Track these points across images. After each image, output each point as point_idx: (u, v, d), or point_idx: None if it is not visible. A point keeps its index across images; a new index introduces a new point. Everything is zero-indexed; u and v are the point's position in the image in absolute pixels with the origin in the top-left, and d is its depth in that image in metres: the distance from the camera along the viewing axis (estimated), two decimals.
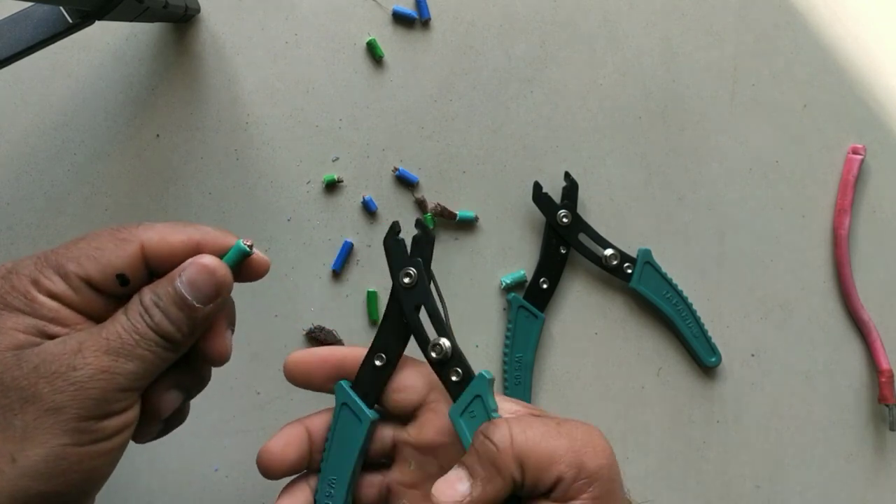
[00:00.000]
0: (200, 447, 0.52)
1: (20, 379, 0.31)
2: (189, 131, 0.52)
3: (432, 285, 0.39)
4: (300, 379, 0.40)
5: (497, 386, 0.53)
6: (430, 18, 0.52)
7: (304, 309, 0.52)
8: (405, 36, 0.52)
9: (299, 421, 0.40)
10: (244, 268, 0.36)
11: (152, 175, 0.52)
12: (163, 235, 0.34)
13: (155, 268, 0.34)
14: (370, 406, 0.39)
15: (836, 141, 0.55)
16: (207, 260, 0.34)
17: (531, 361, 0.52)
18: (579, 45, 0.53)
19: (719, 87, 0.54)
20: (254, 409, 0.52)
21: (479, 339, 0.53)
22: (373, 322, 0.52)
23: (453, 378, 0.37)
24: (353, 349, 0.40)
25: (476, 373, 0.37)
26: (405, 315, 0.38)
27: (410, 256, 0.39)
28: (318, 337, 0.51)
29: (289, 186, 0.52)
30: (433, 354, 0.38)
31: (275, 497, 0.52)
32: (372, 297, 0.52)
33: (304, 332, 0.52)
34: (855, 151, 0.54)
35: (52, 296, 0.32)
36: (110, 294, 0.34)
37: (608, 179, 0.53)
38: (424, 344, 0.38)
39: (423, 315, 0.39)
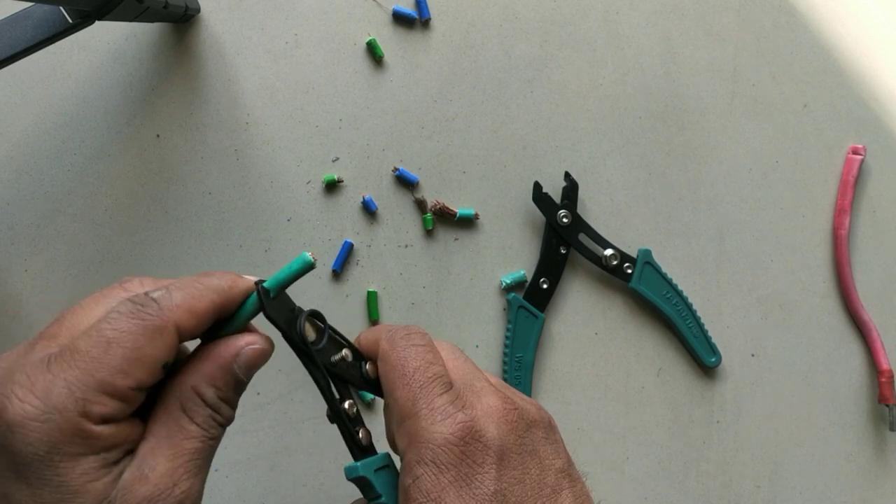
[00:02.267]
0: None
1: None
2: (189, 131, 0.52)
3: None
4: None
5: None
6: (430, 18, 0.52)
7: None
8: (405, 36, 0.52)
9: None
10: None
11: (152, 175, 0.52)
12: (189, 308, 0.31)
13: (184, 338, 0.32)
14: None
15: (836, 141, 0.55)
16: (261, 344, 0.33)
17: (531, 361, 0.52)
18: (579, 45, 0.53)
19: (719, 87, 0.54)
20: (254, 410, 0.52)
21: (479, 339, 0.53)
22: (373, 322, 0.52)
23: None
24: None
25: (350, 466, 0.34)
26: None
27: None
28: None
29: (289, 186, 0.52)
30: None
31: (274, 498, 0.52)
32: (372, 297, 0.52)
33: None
34: (855, 151, 0.54)
35: (105, 420, 0.28)
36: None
37: (608, 179, 0.53)
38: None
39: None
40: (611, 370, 0.53)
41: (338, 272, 0.52)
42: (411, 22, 0.52)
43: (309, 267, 0.33)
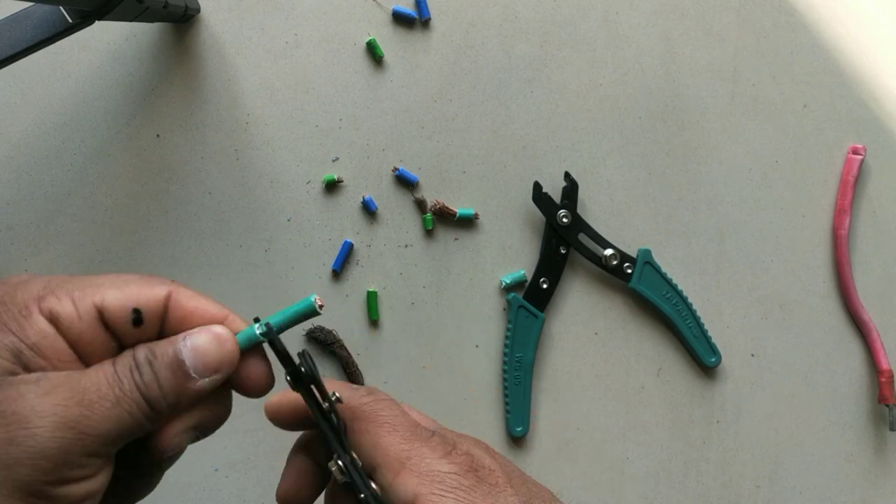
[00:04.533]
0: (200, 447, 0.51)
1: None
2: (189, 131, 0.52)
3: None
4: (282, 426, 0.36)
5: (497, 386, 0.53)
6: (430, 18, 0.52)
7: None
8: (405, 36, 0.52)
9: (297, 450, 0.37)
10: (243, 377, 0.32)
11: (152, 175, 0.52)
12: (195, 294, 0.31)
13: (170, 326, 0.31)
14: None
15: (836, 141, 0.55)
16: (218, 329, 0.30)
17: (531, 361, 0.52)
18: (579, 45, 0.53)
19: (719, 87, 0.54)
20: (254, 410, 0.52)
21: (479, 339, 0.53)
22: (373, 322, 0.52)
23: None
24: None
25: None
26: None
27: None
28: (318, 337, 0.51)
29: (289, 186, 0.52)
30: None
31: (274, 498, 0.52)
32: (372, 297, 0.52)
33: (304, 333, 0.52)
34: (855, 151, 0.54)
35: (53, 317, 0.28)
36: (117, 334, 0.30)
37: (608, 179, 0.53)
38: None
39: None
40: (611, 370, 0.53)
41: (338, 272, 0.52)
42: (411, 22, 0.52)
43: (312, 313, 0.32)
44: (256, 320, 0.32)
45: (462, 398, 0.53)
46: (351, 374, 0.51)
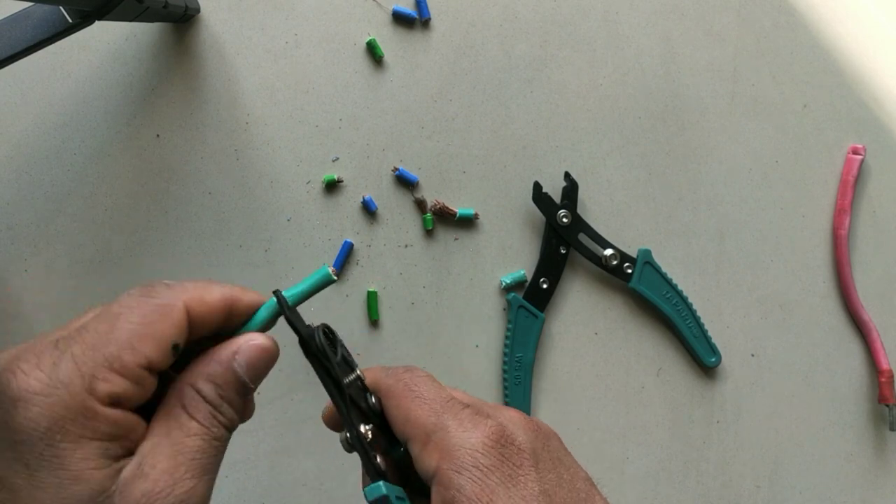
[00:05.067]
0: None
1: None
2: (189, 131, 0.52)
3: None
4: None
5: (497, 386, 0.53)
6: (430, 18, 0.52)
7: (303, 309, 0.52)
8: (405, 36, 0.52)
9: None
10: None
11: (152, 175, 0.52)
12: (200, 295, 0.30)
13: (194, 331, 0.31)
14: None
15: (836, 141, 0.55)
16: (261, 340, 0.31)
17: (531, 361, 0.52)
18: (579, 45, 0.53)
19: (719, 87, 0.54)
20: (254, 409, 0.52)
21: (479, 339, 0.53)
22: (373, 322, 0.52)
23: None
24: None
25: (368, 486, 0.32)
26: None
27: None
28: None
29: (289, 186, 0.52)
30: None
31: (274, 498, 0.52)
32: (372, 297, 0.52)
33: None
34: (855, 151, 0.54)
35: (115, 400, 0.27)
36: (161, 371, 0.30)
37: (608, 179, 0.53)
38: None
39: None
40: (611, 370, 0.53)
41: (338, 272, 0.52)
42: (411, 22, 0.52)
43: (328, 281, 0.33)
44: (276, 293, 0.33)
45: None
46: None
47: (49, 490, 0.26)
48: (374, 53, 0.52)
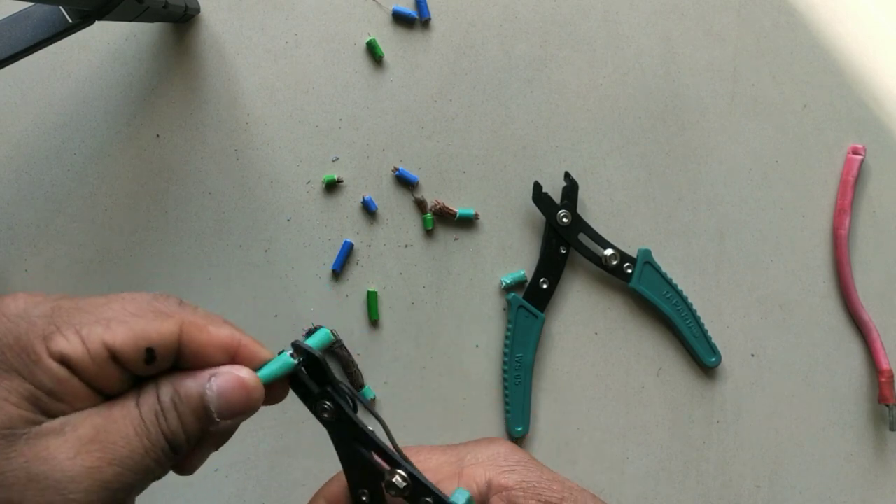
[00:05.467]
0: None
1: (7, 474, 0.25)
2: (189, 131, 0.52)
3: (352, 404, 0.33)
4: None
5: (497, 386, 0.53)
6: (430, 18, 0.52)
7: (304, 309, 0.52)
8: (405, 36, 0.52)
9: (318, 495, 0.36)
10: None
11: (152, 175, 0.52)
12: (206, 324, 0.29)
13: (184, 357, 0.29)
14: None
15: (836, 141, 0.55)
16: (245, 374, 0.29)
17: (531, 361, 0.52)
18: (579, 45, 0.53)
19: (719, 87, 0.54)
20: None
21: (479, 339, 0.53)
22: (373, 322, 0.52)
23: None
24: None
25: (449, 498, 0.31)
26: (342, 454, 0.33)
27: (319, 386, 0.32)
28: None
29: (289, 186, 0.52)
30: (392, 493, 0.31)
31: (274, 498, 0.52)
32: (372, 297, 0.52)
33: (304, 333, 0.52)
34: (855, 151, 0.54)
35: (64, 359, 0.27)
36: (128, 371, 0.28)
37: (608, 179, 0.53)
38: (379, 478, 0.32)
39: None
40: (611, 370, 0.53)
41: (338, 272, 0.52)
42: (411, 22, 0.52)
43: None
44: (295, 349, 0.31)
45: (462, 398, 0.53)
46: (351, 374, 0.51)
47: None
48: (374, 53, 0.52)
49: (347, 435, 0.32)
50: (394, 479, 0.31)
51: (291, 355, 0.30)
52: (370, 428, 0.32)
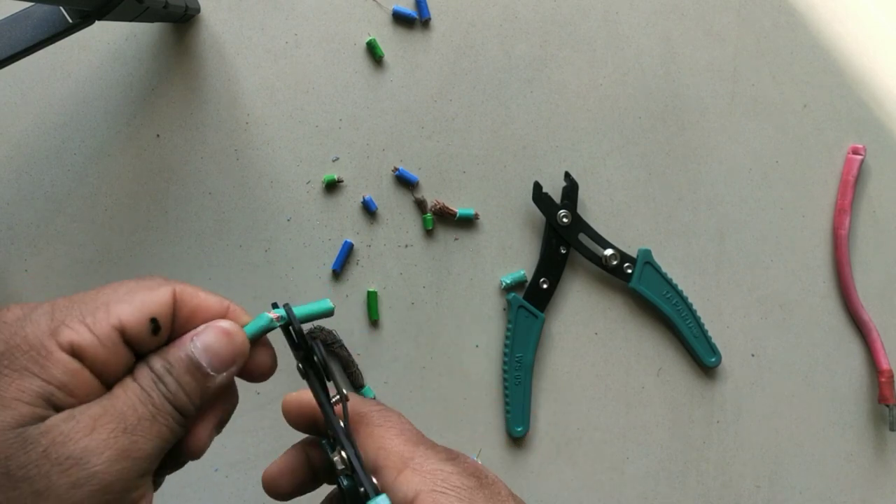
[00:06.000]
0: None
1: (29, 467, 0.26)
2: (189, 131, 0.52)
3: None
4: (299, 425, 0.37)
5: (497, 386, 0.53)
6: (430, 18, 0.52)
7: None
8: (405, 36, 0.52)
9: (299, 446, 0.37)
10: (251, 364, 0.33)
11: (152, 175, 0.52)
12: (196, 290, 0.31)
13: (179, 322, 0.31)
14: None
15: (836, 141, 0.55)
16: (224, 323, 0.31)
17: (531, 361, 0.52)
18: (579, 45, 0.53)
19: (719, 87, 0.54)
20: (254, 410, 0.52)
21: (479, 339, 0.53)
22: (373, 322, 0.52)
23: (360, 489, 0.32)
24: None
25: (371, 499, 0.31)
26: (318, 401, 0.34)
27: (297, 349, 0.34)
28: (318, 337, 0.51)
29: (289, 186, 0.52)
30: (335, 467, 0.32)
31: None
32: (372, 297, 0.52)
33: (305, 333, 0.52)
34: (855, 151, 0.54)
35: (75, 350, 0.28)
36: (137, 347, 0.30)
37: (608, 179, 0.53)
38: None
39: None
40: (611, 370, 0.53)
41: (338, 272, 0.52)
42: (411, 22, 0.52)
43: (328, 313, 0.33)
44: (275, 306, 0.33)
45: (462, 398, 0.53)
46: (351, 374, 0.51)
47: None
48: (374, 53, 0.52)
49: (317, 397, 0.33)
50: (335, 458, 0.32)
51: (275, 318, 0.32)
52: (333, 398, 0.33)
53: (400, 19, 0.52)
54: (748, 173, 0.54)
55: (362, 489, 0.31)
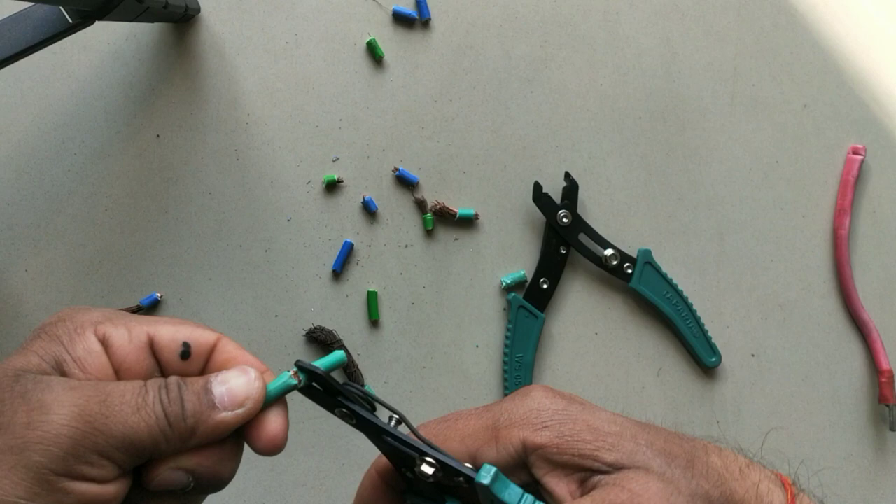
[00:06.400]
0: None
1: (5, 401, 0.27)
2: (189, 131, 0.52)
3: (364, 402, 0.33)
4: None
5: (497, 386, 0.53)
6: (430, 18, 0.52)
7: (304, 309, 0.52)
8: (405, 36, 0.52)
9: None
10: (262, 428, 0.31)
11: (152, 175, 0.52)
12: (239, 346, 0.32)
13: (212, 368, 0.32)
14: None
15: (836, 141, 0.55)
16: (250, 368, 0.31)
17: (531, 361, 0.52)
18: (579, 45, 0.53)
19: (719, 87, 0.54)
20: None
21: (479, 339, 0.53)
22: (373, 322, 0.52)
23: (463, 484, 0.31)
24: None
25: (476, 475, 0.31)
26: (378, 445, 0.33)
27: (331, 396, 0.33)
28: (318, 337, 0.51)
29: (289, 186, 0.52)
30: (425, 478, 0.32)
31: (274, 498, 0.52)
32: (372, 297, 0.52)
33: (304, 333, 0.52)
34: (855, 151, 0.54)
35: (105, 339, 0.30)
36: (162, 365, 0.31)
37: (608, 179, 0.53)
38: (411, 465, 0.32)
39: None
40: (611, 370, 0.53)
41: (338, 272, 0.52)
42: (411, 22, 0.52)
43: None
44: (298, 369, 0.32)
45: (462, 398, 0.53)
46: (351, 374, 0.51)
47: (6, 357, 0.29)
48: (374, 53, 0.52)
49: (373, 432, 0.33)
50: (422, 468, 0.31)
51: (293, 375, 0.31)
52: (391, 424, 0.32)
53: (400, 19, 0.52)
54: (748, 173, 0.54)
55: (461, 478, 0.31)
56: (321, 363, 0.32)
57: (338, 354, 0.33)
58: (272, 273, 0.52)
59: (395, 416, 0.33)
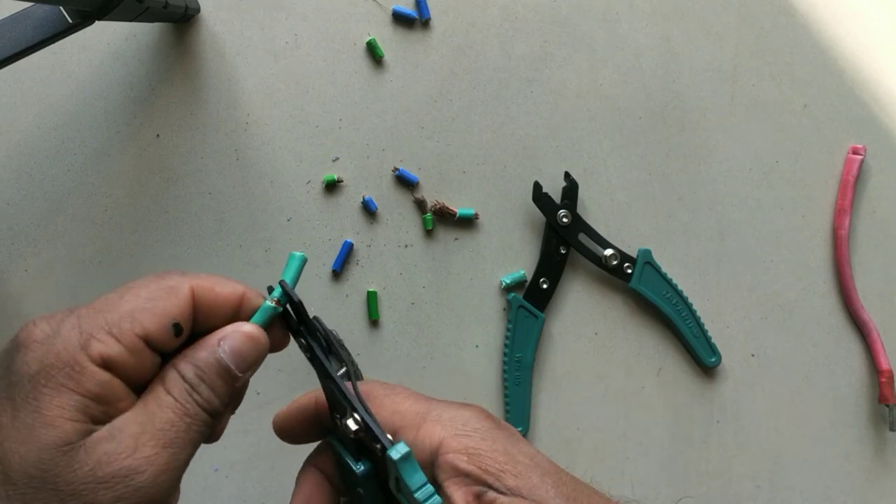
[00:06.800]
0: (200, 447, 0.52)
1: (76, 484, 0.27)
2: (189, 131, 0.52)
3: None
4: (290, 439, 0.38)
5: (497, 385, 0.53)
6: (430, 18, 0.52)
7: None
8: (405, 36, 0.52)
9: (309, 465, 0.38)
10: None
11: (152, 175, 0.52)
12: (211, 284, 0.32)
13: (199, 317, 0.32)
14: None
15: (836, 141, 0.55)
16: (248, 328, 0.32)
17: (531, 361, 0.52)
18: (579, 45, 0.53)
19: (719, 87, 0.54)
20: (254, 410, 0.52)
21: (479, 339, 0.53)
22: (373, 322, 0.52)
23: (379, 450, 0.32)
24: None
25: (389, 448, 0.32)
26: (322, 384, 0.35)
27: (299, 324, 0.35)
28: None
29: (289, 186, 0.52)
30: (347, 432, 0.33)
31: (274, 498, 0.52)
32: (372, 297, 0.52)
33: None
34: (855, 151, 0.54)
35: (105, 362, 0.29)
36: (161, 349, 0.31)
37: (608, 179, 0.53)
38: (342, 415, 0.34)
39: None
40: (611, 370, 0.53)
41: (338, 272, 0.52)
42: (411, 22, 0.52)
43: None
44: (270, 290, 0.33)
45: (462, 398, 0.53)
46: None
47: (23, 431, 0.28)
48: (374, 53, 0.52)
49: (320, 372, 0.34)
50: (348, 422, 0.33)
51: (272, 301, 0.33)
52: (340, 371, 0.34)
53: (400, 19, 0.52)
54: (748, 173, 0.54)
55: (378, 445, 0.32)
56: (287, 275, 0.34)
57: (295, 258, 0.34)
58: (272, 273, 0.52)
59: (346, 364, 0.34)
